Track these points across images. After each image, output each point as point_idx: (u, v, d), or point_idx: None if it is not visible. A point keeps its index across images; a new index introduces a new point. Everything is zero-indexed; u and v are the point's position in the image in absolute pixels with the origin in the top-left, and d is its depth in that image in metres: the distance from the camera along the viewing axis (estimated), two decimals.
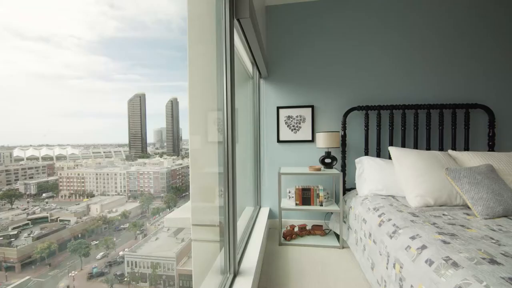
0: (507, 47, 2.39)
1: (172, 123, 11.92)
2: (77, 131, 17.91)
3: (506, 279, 0.86)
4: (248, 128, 2.68)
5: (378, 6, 2.52)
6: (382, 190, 2.02)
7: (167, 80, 21.02)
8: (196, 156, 1.76)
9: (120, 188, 11.30)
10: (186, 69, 1.50)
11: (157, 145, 12.16)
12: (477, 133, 2.40)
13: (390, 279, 1.31)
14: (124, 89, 16.20)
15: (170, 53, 26.34)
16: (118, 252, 9.48)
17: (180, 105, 18.52)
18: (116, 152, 4.92)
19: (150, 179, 11.56)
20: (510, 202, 1.52)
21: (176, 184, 11.42)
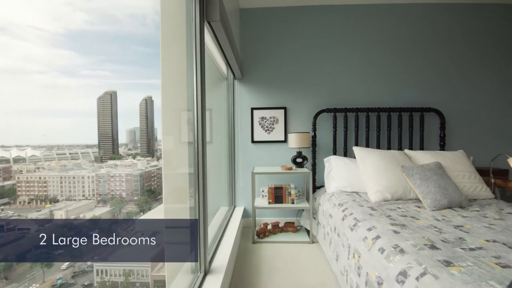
0: (456, 59, 2.69)
1: (147, 123, 11.55)
2: (38, 130, 16.04)
3: (441, 261, 0.99)
4: (223, 129, 2.70)
5: (344, 18, 2.70)
6: (347, 187, 2.17)
7: (141, 78, 19.87)
8: (169, 156, 1.75)
9: (88, 192, 10.56)
10: (160, 67, 1.49)
11: (130, 145, 11.72)
12: (431, 134, 2.67)
13: (350, 269, 1.42)
14: (92, 85, 15.10)
15: (145, 49, 25.17)
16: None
17: (155, 104, 17.87)
18: (83, 153, 4.61)
19: (122, 182, 11.03)
20: (453, 195, 1.72)
21: (151, 187, 11.16)
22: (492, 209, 1.66)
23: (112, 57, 2.11)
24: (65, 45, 2.18)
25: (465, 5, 2.67)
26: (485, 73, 2.71)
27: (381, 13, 2.69)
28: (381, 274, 1.10)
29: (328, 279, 1.77)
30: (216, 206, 2.53)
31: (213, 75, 2.34)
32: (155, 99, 5.69)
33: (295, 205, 2.38)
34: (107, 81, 3.40)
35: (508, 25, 2.69)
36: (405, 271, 1.00)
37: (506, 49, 2.71)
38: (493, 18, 2.69)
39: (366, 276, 1.22)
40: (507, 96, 2.72)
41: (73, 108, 3.49)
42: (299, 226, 2.67)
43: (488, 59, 2.70)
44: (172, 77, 1.51)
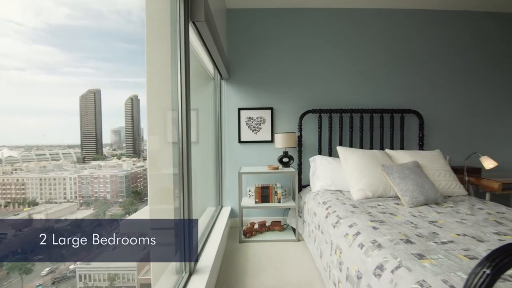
0: (434, 64, 2.83)
1: (132, 122, 11.20)
2: (16, 130, 14.78)
3: (415, 254, 1.05)
4: (210, 129, 2.69)
5: (329, 22, 2.77)
6: (332, 185, 2.22)
7: (126, 76, 18.73)
8: (155, 157, 1.73)
9: (70, 194, 10.14)
10: (145, 65, 1.47)
11: (115, 145, 11.35)
12: (410, 134, 2.79)
13: (333, 264, 1.46)
14: (75, 83, 14.20)
15: (131, 46, 23.94)
16: (68, 265, 8.59)
17: (141, 102, 17.42)
18: (65, 154, 4.36)
19: (107, 183, 10.66)
20: (430, 193, 1.81)
21: (137, 188, 10.87)
22: (465, 205, 1.76)
23: (95, 54, 2.04)
24: (45, 40, 2.09)
25: (445, 12, 2.81)
26: (461, 77, 2.86)
27: (365, 18, 2.78)
28: (360, 268, 1.15)
29: (312, 276, 1.82)
30: (203, 206, 2.52)
31: (199, 75, 2.33)
32: (141, 98, 5.52)
33: (281, 204, 2.41)
34: (90, 79, 3.27)
35: (483, 33, 2.86)
36: (382, 265, 1.05)
37: (481, 56, 2.87)
38: (470, 25, 2.84)
39: (347, 271, 1.26)
40: (480, 99, 2.89)
41: (54, 106, 3.34)
42: (286, 224, 2.70)
43: (464, 65, 2.86)
44: (158, 76, 1.50)
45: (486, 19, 2.86)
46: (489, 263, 0.59)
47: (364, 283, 1.09)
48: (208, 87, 2.64)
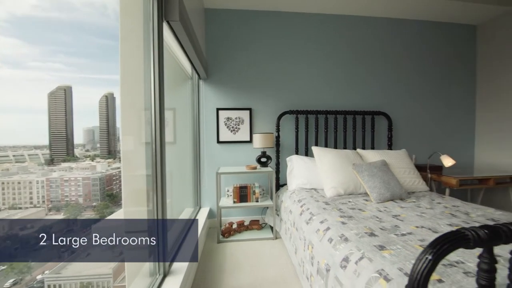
0: (401, 70, 3.03)
1: (107, 121, 10.59)
2: None
3: (377, 246, 1.13)
4: (188, 129, 2.67)
5: (306, 27, 2.87)
6: (307, 184, 2.30)
7: (101, 72, 17.42)
8: (129, 157, 1.68)
9: (37, 199, 9.34)
10: (119, 62, 1.43)
11: (88, 146, 10.69)
12: (381, 135, 2.96)
13: (306, 259, 1.52)
14: (43, 79, 12.93)
15: (105, 41, 22.33)
16: (36, 276, 7.99)
17: (117, 101, 16.48)
18: (31, 155, 3.98)
19: (79, 186, 10.02)
20: (395, 189, 1.95)
21: (113, 191, 10.34)
22: (426, 200, 1.92)
23: (66, 48, 1.94)
24: (8, 32, 1.94)
25: (411, 22, 3.02)
26: (424, 83, 3.10)
27: (339, 24, 2.91)
28: (329, 261, 1.22)
29: (288, 272, 1.87)
30: (180, 207, 2.49)
31: (176, 74, 2.30)
32: (117, 96, 5.27)
33: (259, 203, 2.45)
34: (60, 75, 3.09)
35: (443, 42, 3.12)
36: (348, 257, 1.12)
37: (444, 63, 3.13)
38: (431, 35, 3.08)
39: (317, 265, 1.33)
40: (441, 103, 3.15)
41: (18, 104, 3.09)
42: (264, 223, 2.75)
43: (426, 71, 3.10)
44: (132, 74, 1.46)
45: (445, 29, 3.12)
46: (431, 250, 0.67)
47: (332, 275, 1.16)
48: (186, 87, 2.61)
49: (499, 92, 2.99)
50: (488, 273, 0.72)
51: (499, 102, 2.99)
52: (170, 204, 2.17)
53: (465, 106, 3.23)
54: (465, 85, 3.22)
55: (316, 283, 1.31)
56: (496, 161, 3.02)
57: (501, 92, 2.97)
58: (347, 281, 1.04)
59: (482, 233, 0.69)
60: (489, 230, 0.70)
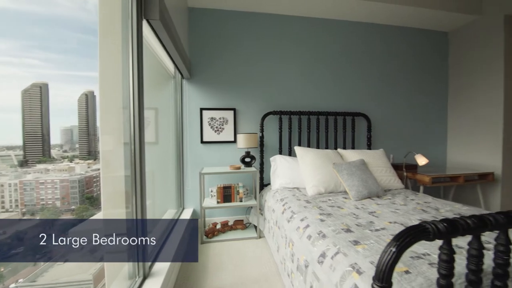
0: (380, 72, 3.16)
1: (87, 121, 10.05)
2: None
3: (352, 241, 1.18)
4: (171, 129, 2.63)
5: (290, 29, 2.92)
6: (290, 183, 2.35)
7: (80, 69, 16.44)
8: (109, 158, 1.64)
9: (9, 203, 8.75)
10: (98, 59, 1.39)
11: (66, 146, 10.10)
12: (360, 135, 3.08)
13: (287, 256, 1.56)
14: (16, 75, 11.97)
15: (86, 37, 21.09)
16: (8, 285, 7.48)
17: (97, 99, 15.70)
18: (2, 156, 3.68)
19: (56, 189, 9.48)
20: (372, 187, 2.03)
21: (93, 193, 9.86)
22: (400, 197, 2.02)
23: (43, 43, 1.84)
24: None
25: (388, 27, 3.16)
26: (401, 85, 3.25)
27: (324, 28, 2.99)
28: (307, 257, 1.25)
29: (270, 270, 1.90)
30: (162, 209, 2.45)
31: (158, 73, 2.27)
32: (97, 94, 5.08)
33: (243, 203, 2.47)
34: (36, 71, 2.93)
35: (418, 47, 3.29)
36: (324, 253, 1.16)
37: (419, 67, 3.30)
38: (407, 39, 3.24)
39: (297, 261, 1.36)
40: (417, 104, 3.31)
41: None
42: (248, 223, 2.77)
43: (403, 74, 3.25)
44: (111, 71, 1.43)
45: (420, 35, 3.29)
46: (395, 243, 0.71)
47: (310, 270, 1.19)
48: (168, 86, 2.57)
49: (468, 96, 3.19)
50: (447, 263, 0.77)
51: (468, 105, 3.20)
52: (152, 205, 2.14)
53: (438, 108, 3.42)
54: (438, 88, 3.41)
55: (296, 279, 1.35)
56: (467, 160, 3.22)
57: (469, 95, 3.18)
58: (324, 275, 1.08)
59: (441, 226, 0.74)
60: (447, 223, 0.76)
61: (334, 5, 2.71)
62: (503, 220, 0.81)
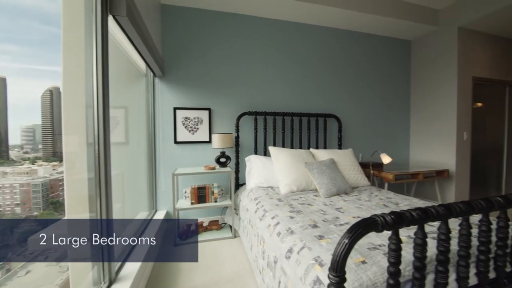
0: (349, 76, 3.33)
1: (52, 119, 9.20)
2: None
3: (317, 236, 1.24)
4: (142, 128, 2.54)
5: (267, 31, 2.98)
6: (264, 183, 2.39)
7: (44, 63, 14.74)
8: (73, 159, 1.56)
9: None
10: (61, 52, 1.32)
11: (27, 147, 9.17)
12: (332, 135, 3.22)
13: (259, 254, 1.59)
14: None
15: (50, 28, 18.81)
16: None
17: (61, 96, 14.33)
18: None
19: (15, 194, 8.57)
20: (340, 185, 2.14)
21: (59, 197, 9.08)
22: (366, 193, 2.15)
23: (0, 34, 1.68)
24: None
25: (358, 33, 3.34)
26: (370, 89, 3.46)
27: (297, 32, 3.08)
28: (276, 254, 1.30)
29: (244, 269, 1.92)
30: (133, 212, 2.36)
31: (128, 70, 2.19)
32: (62, 90, 4.78)
33: (218, 204, 2.46)
34: None
35: (387, 54, 3.52)
36: (291, 248, 1.20)
37: (386, 72, 3.53)
38: (373, 46, 3.46)
39: (267, 258, 1.40)
40: (383, 106, 3.55)
41: None
42: (224, 223, 2.77)
43: (368, 78, 3.46)
44: (76, 67, 1.36)
45: (386, 42, 3.53)
46: (348, 234, 0.77)
47: (279, 266, 1.24)
48: (139, 84, 2.49)
49: (427, 100, 3.49)
50: (395, 252, 0.85)
51: (427, 108, 3.50)
52: (122, 209, 2.06)
53: (402, 110, 3.69)
54: (401, 92, 3.68)
55: (267, 276, 1.39)
56: (427, 158, 3.52)
57: (428, 99, 3.47)
58: (290, 270, 1.13)
59: (389, 219, 0.82)
60: (395, 215, 0.83)
61: (308, 10, 2.80)
62: (443, 211, 0.91)
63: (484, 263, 1.05)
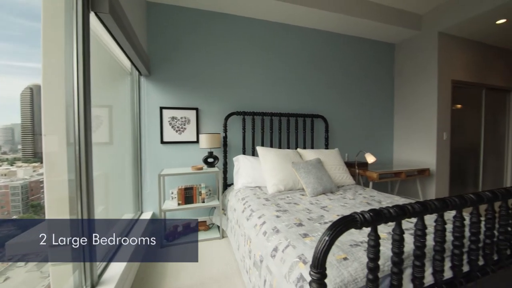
0: (335, 78, 3.40)
1: (32, 119, 8.70)
2: None
3: (301, 234, 1.27)
4: (127, 128, 2.49)
5: (257, 32, 2.99)
6: (252, 182, 2.40)
7: (24, 59, 13.83)
8: (53, 160, 1.51)
9: None
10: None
11: (5, 148, 8.63)
12: (319, 135, 3.27)
13: (246, 254, 1.60)
14: None
15: (31, 24, 17.68)
16: None
17: (42, 94, 13.59)
18: None
19: None
20: (327, 184, 2.19)
21: (40, 200, 8.63)
22: (351, 192, 2.20)
23: None
24: None
25: (345, 36, 3.42)
26: (355, 90, 3.55)
27: (286, 33, 3.12)
28: (262, 253, 1.31)
29: (231, 269, 1.92)
30: (118, 214, 2.31)
31: (112, 69, 2.13)
32: (42, 88, 4.61)
33: (205, 204, 2.45)
34: None
35: (373, 56, 3.62)
36: (277, 247, 1.22)
37: (371, 74, 3.62)
38: (364, 49, 3.55)
39: (254, 258, 1.41)
40: (368, 107, 3.65)
41: None
42: (212, 224, 2.75)
43: (354, 81, 3.55)
44: (57, 64, 1.32)
45: (372, 45, 3.63)
46: (328, 232, 0.79)
47: (265, 265, 1.25)
48: (124, 83, 2.43)
49: (410, 101, 3.62)
50: (374, 248, 0.88)
51: (410, 109, 3.62)
52: (105, 211, 2.00)
53: (386, 112, 3.81)
54: (386, 94, 3.80)
55: (253, 275, 1.39)
56: (409, 158, 3.64)
57: (411, 100, 3.60)
58: (275, 268, 1.14)
59: (367, 216, 0.84)
60: (373, 213, 0.86)
61: (295, 12, 2.83)
62: (419, 208, 0.95)
63: (458, 257, 1.10)
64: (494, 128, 3.97)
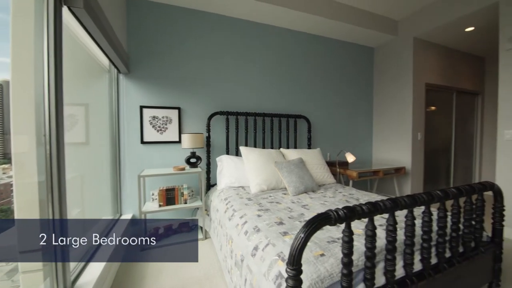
0: (317, 80, 3.48)
1: (2, 116, 8.02)
2: None
3: (281, 233, 1.29)
4: (105, 128, 2.40)
5: (241, 32, 2.98)
6: (235, 182, 2.40)
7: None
8: (23, 161, 1.43)
9: None
10: None
11: None
12: (302, 135, 3.34)
13: (228, 254, 1.59)
14: None
15: (1, 15, 15.82)
16: None
17: (10, 91, 12.52)
18: None
19: None
20: (308, 183, 2.23)
21: (10, 204, 7.92)
22: (331, 191, 2.27)
23: None
24: None
25: (325, 39, 3.51)
26: (336, 91, 3.65)
27: (269, 34, 3.14)
28: (243, 252, 1.31)
29: (213, 269, 1.91)
30: (95, 217, 2.22)
31: (88, 66, 2.05)
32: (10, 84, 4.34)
33: (187, 205, 2.41)
34: None
35: (353, 59, 3.73)
36: (257, 246, 1.23)
37: (351, 76, 3.74)
38: (344, 52, 3.65)
39: (235, 257, 1.41)
40: (349, 108, 3.77)
41: None
42: (194, 225, 2.71)
43: (339, 82, 3.66)
44: (27, 59, 1.25)
45: (352, 48, 3.76)
46: (304, 229, 0.81)
47: (245, 264, 1.25)
48: (102, 81, 2.34)
49: (387, 102, 3.78)
50: (348, 243, 0.92)
51: (387, 110, 3.79)
52: (81, 214, 1.92)
53: (365, 112, 3.95)
54: (365, 95, 3.94)
55: (234, 275, 1.40)
56: (387, 157, 3.80)
57: (388, 102, 3.76)
58: (255, 267, 1.15)
59: (341, 213, 0.88)
60: (347, 210, 0.90)
61: (272, 12, 2.86)
62: (390, 205, 1.00)
63: (427, 250, 1.17)
64: (463, 129, 4.24)
